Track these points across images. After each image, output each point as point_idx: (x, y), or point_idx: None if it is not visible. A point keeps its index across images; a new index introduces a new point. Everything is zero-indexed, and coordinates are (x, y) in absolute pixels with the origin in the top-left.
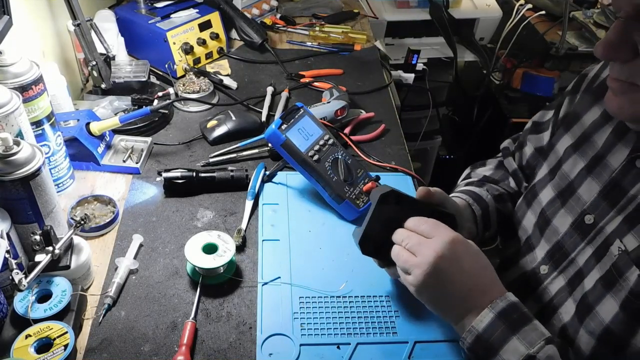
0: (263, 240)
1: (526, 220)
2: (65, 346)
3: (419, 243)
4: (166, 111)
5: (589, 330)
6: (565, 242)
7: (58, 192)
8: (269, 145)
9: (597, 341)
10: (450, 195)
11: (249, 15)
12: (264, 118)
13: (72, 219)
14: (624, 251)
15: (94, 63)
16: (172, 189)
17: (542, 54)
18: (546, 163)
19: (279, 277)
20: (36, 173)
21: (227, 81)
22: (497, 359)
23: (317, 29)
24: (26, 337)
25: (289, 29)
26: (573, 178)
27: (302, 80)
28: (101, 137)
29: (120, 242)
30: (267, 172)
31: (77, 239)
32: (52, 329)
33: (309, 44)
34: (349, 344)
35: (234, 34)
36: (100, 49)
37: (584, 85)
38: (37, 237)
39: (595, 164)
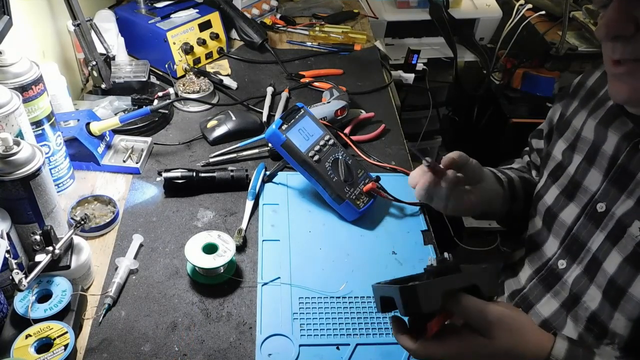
0: (263, 241)
1: (532, 222)
2: (66, 346)
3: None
4: (166, 111)
5: (626, 312)
6: (580, 233)
7: (58, 192)
8: (269, 145)
9: (636, 324)
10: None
11: (249, 15)
12: (264, 118)
13: (72, 219)
14: None
15: (94, 63)
16: (172, 189)
17: (542, 54)
18: (546, 170)
19: (279, 278)
20: (36, 173)
21: (227, 81)
22: None
23: (317, 29)
24: (26, 337)
25: (289, 29)
26: (573, 173)
27: (302, 80)
28: (101, 137)
29: (121, 242)
30: (268, 172)
31: (77, 239)
32: (52, 328)
33: (309, 44)
34: (349, 344)
35: (234, 34)
36: (100, 49)
37: (570, 90)
38: (37, 237)
39: (594, 155)
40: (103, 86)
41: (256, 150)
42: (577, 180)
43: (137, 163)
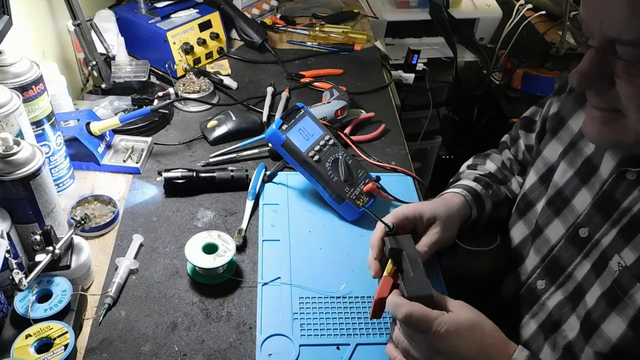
0: (263, 241)
1: (519, 230)
2: (66, 346)
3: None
4: (166, 111)
5: (596, 349)
6: (561, 256)
7: (58, 192)
8: (269, 145)
9: (607, 359)
10: (454, 186)
11: (249, 15)
12: (264, 118)
13: (72, 219)
14: (625, 267)
15: (94, 63)
16: (172, 189)
17: (542, 54)
18: (534, 170)
19: (279, 278)
20: (36, 173)
21: (227, 81)
22: None
23: (317, 29)
24: (26, 337)
25: (289, 29)
26: (562, 186)
27: (302, 80)
28: (101, 137)
29: (121, 242)
30: (268, 172)
31: (77, 239)
32: (52, 328)
33: (309, 44)
34: (349, 344)
35: (234, 34)
36: (100, 49)
37: (568, 87)
38: (37, 237)
39: (589, 174)
40: (103, 86)
41: (256, 150)
42: (566, 197)
43: (137, 163)
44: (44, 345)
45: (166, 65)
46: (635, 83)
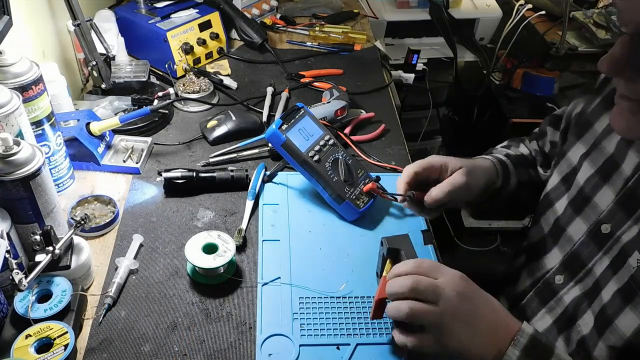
0: (263, 241)
1: (539, 229)
2: (66, 346)
3: (430, 289)
4: (166, 111)
5: (608, 343)
6: (582, 252)
7: (58, 192)
8: (269, 145)
9: (618, 355)
10: (486, 155)
11: (249, 15)
12: (264, 118)
13: (72, 219)
14: None
15: (94, 63)
16: (172, 189)
17: (542, 54)
18: (557, 171)
19: (279, 278)
20: (36, 173)
21: (227, 81)
22: None
23: (317, 29)
24: (26, 337)
25: (289, 29)
26: (583, 184)
27: (302, 80)
28: (101, 137)
29: (121, 242)
30: (268, 172)
31: (77, 239)
32: (52, 329)
33: (309, 44)
34: (349, 344)
35: (234, 34)
36: (100, 49)
37: (596, 84)
38: (37, 237)
39: (610, 171)
40: (103, 86)
41: (256, 150)
42: (587, 195)
43: (137, 163)
44: (44, 346)
45: (166, 65)
46: None
